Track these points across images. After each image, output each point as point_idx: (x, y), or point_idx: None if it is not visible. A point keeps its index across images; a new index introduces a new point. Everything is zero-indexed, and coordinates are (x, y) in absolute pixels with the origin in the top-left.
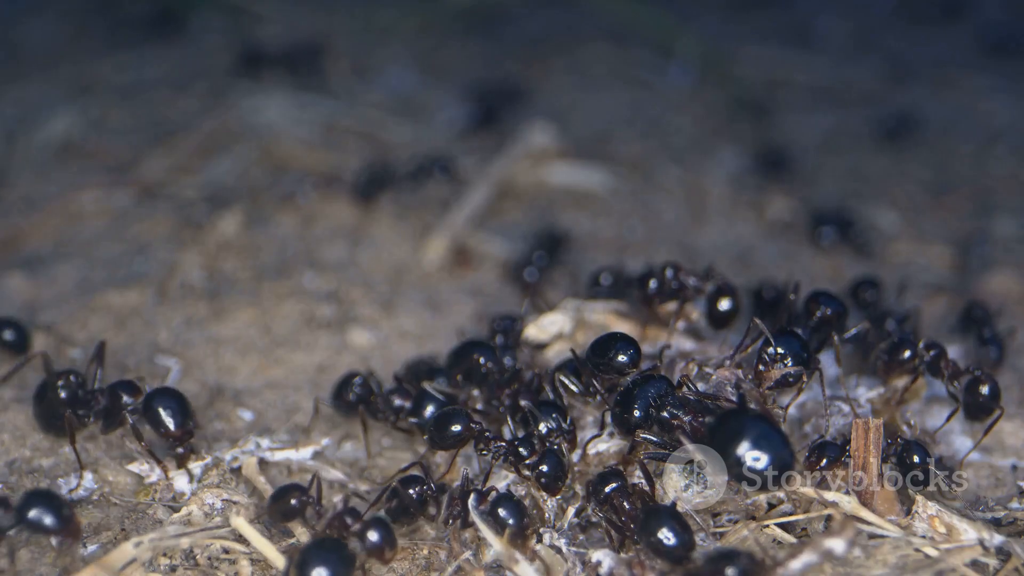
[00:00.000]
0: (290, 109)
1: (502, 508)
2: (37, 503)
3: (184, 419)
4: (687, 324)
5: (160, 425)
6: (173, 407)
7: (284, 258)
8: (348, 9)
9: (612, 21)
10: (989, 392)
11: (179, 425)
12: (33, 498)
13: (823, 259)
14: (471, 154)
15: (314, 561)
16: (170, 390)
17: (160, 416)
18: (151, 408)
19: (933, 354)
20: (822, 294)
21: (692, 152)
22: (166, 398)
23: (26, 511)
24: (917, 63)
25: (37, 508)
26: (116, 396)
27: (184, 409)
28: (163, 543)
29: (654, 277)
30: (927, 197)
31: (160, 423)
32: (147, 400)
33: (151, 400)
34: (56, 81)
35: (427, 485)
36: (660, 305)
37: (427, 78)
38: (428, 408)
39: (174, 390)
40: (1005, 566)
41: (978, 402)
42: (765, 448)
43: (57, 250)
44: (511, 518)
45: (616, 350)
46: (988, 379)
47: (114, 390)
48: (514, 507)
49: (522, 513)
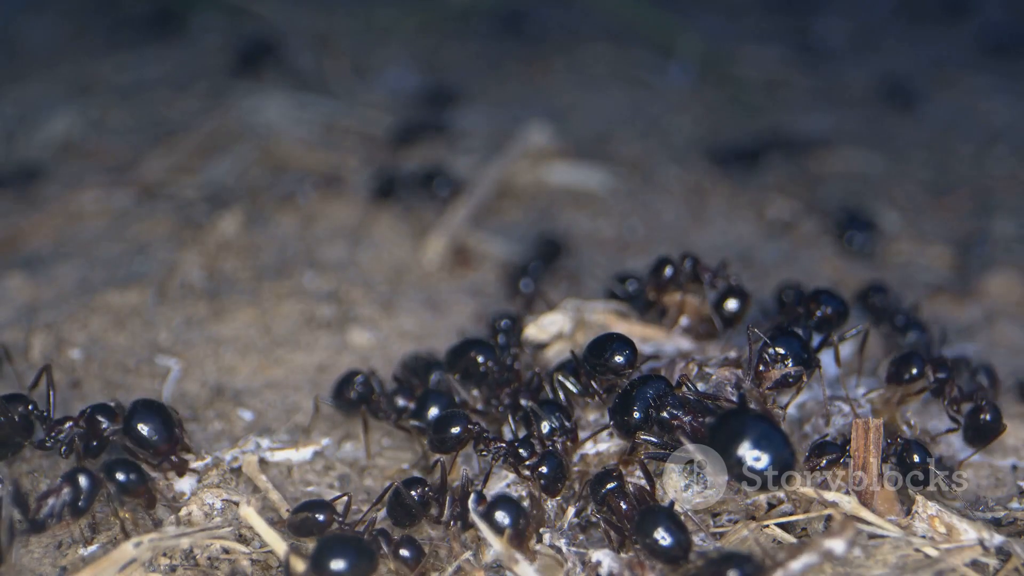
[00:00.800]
0: (290, 109)
1: (500, 510)
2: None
3: (168, 432)
4: (694, 319)
5: (146, 444)
6: (154, 422)
7: (284, 258)
8: (348, 9)
9: (612, 21)
10: (991, 419)
11: (165, 440)
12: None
13: (823, 259)
14: (470, 154)
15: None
16: (147, 404)
17: (144, 435)
18: (132, 429)
19: (940, 377)
20: (823, 292)
21: (692, 152)
22: (145, 414)
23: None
24: (917, 63)
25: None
26: (94, 422)
27: (166, 421)
28: (163, 543)
29: (671, 265)
30: (927, 197)
31: (145, 442)
32: (127, 420)
33: (131, 420)
34: (56, 81)
35: (427, 487)
36: (670, 295)
37: (427, 78)
38: (430, 409)
39: (151, 402)
40: (1005, 566)
41: (978, 428)
42: (766, 448)
43: (57, 250)
44: (509, 520)
45: (612, 351)
46: (991, 408)
47: (92, 417)
48: (513, 509)
49: (521, 515)
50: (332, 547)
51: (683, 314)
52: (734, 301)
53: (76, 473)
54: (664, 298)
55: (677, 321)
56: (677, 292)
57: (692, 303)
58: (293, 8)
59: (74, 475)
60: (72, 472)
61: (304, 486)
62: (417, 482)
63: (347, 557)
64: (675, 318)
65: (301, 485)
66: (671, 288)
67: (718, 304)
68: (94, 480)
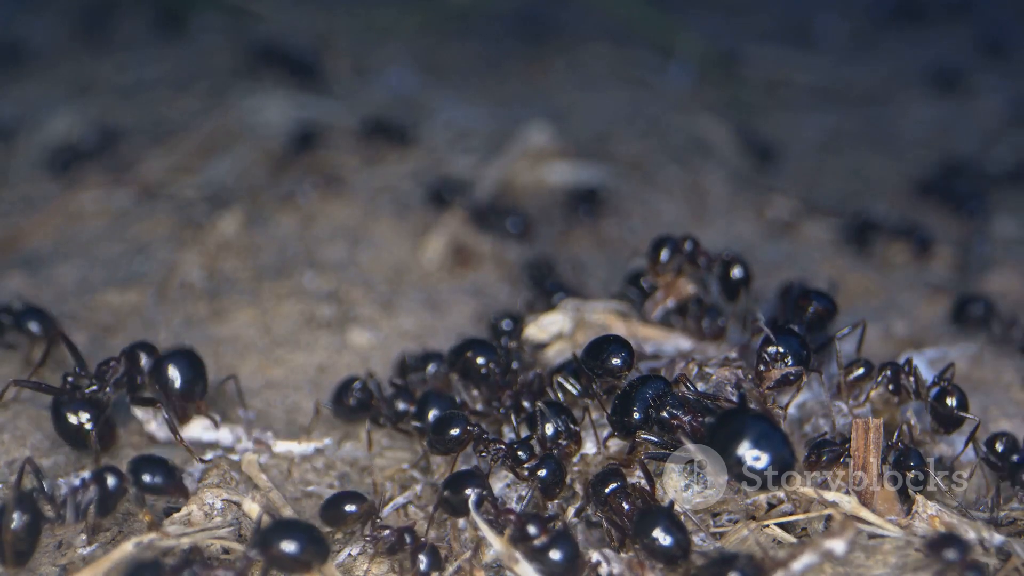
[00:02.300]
0: (290, 109)
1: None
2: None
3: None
4: (681, 301)
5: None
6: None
7: (284, 258)
8: (348, 9)
9: (612, 21)
10: (957, 404)
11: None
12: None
13: (823, 259)
14: (470, 154)
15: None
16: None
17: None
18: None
19: (889, 374)
20: (812, 292)
21: (692, 152)
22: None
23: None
24: (917, 63)
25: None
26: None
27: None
28: (163, 543)
29: (671, 243)
30: (927, 197)
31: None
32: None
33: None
34: (56, 81)
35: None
36: (667, 274)
37: (427, 78)
38: (430, 411)
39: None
40: (1005, 566)
41: (946, 414)
42: (766, 448)
43: (57, 250)
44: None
45: (609, 353)
46: (956, 391)
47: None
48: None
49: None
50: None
51: (669, 296)
52: (739, 268)
53: (104, 472)
54: (658, 278)
55: (663, 302)
56: (671, 273)
57: (681, 286)
58: (293, 8)
59: (102, 474)
60: (100, 471)
61: (304, 486)
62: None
63: (297, 541)
64: (662, 300)
65: (301, 485)
66: (668, 269)
67: (723, 275)
68: (121, 478)
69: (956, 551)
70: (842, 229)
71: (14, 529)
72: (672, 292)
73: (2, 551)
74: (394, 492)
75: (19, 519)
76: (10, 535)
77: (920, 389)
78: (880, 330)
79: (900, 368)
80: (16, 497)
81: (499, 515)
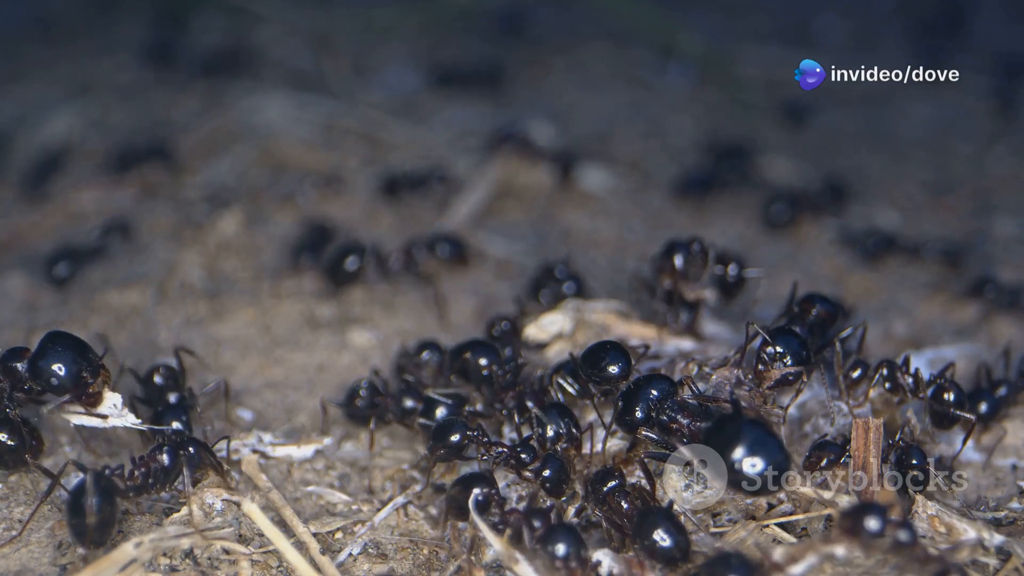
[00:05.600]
0: (290, 109)
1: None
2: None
3: (77, 367)
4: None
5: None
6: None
7: (284, 258)
8: (348, 9)
9: (612, 21)
10: (955, 401)
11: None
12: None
13: (824, 260)
14: (470, 154)
15: None
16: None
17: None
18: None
19: (886, 373)
20: (815, 296)
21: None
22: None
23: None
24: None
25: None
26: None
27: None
28: (163, 543)
29: (683, 248)
30: (927, 197)
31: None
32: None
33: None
34: (56, 81)
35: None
36: (672, 277)
37: (427, 78)
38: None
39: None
40: (1005, 566)
41: (943, 412)
42: (760, 454)
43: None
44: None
45: (607, 361)
46: (953, 388)
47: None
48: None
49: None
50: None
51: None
52: (735, 265)
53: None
54: (665, 280)
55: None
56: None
57: (688, 287)
58: (293, 8)
59: (160, 447)
60: (159, 445)
61: (304, 485)
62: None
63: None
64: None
65: (301, 485)
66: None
67: (721, 275)
68: (175, 453)
69: (877, 520)
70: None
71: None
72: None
73: (84, 532)
74: (394, 492)
75: (95, 500)
76: (93, 517)
77: (918, 387)
78: (880, 330)
79: (897, 366)
80: (94, 477)
81: (505, 516)
